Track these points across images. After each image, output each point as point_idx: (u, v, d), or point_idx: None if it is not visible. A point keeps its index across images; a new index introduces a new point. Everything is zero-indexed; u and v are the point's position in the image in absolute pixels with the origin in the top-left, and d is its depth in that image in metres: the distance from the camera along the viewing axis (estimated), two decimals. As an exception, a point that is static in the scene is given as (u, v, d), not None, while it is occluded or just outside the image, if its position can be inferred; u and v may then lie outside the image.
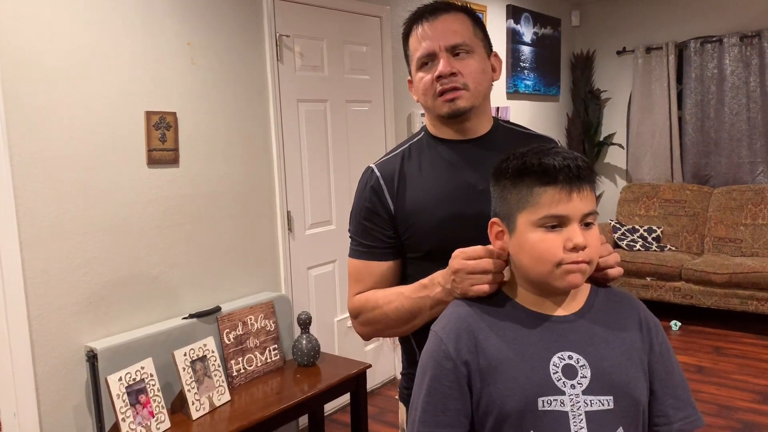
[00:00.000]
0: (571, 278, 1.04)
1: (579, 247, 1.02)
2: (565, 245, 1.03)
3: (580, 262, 1.03)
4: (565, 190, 1.03)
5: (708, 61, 5.38)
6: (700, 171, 5.54)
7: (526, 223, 1.05)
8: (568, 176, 1.03)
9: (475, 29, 1.35)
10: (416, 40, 1.35)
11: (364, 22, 3.65)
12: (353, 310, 1.39)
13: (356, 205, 1.41)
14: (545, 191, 1.03)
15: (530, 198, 1.05)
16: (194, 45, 2.73)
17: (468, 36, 1.32)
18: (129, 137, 2.51)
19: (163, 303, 2.66)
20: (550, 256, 1.03)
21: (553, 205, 1.03)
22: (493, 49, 1.41)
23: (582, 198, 1.04)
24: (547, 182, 1.03)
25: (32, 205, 2.24)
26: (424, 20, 1.34)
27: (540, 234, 1.04)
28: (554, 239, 1.03)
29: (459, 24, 1.32)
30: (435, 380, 1.07)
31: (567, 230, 1.03)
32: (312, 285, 3.41)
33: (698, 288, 4.65)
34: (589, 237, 1.04)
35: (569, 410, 1.01)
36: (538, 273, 1.06)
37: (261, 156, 3.07)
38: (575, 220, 1.03)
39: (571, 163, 1.04)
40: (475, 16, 1.37)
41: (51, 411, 2.30)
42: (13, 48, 2.17)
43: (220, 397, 2.51)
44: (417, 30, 1.35)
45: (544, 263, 1.04)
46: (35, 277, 2.25)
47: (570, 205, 1.03)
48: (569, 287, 1.06)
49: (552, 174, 1.03)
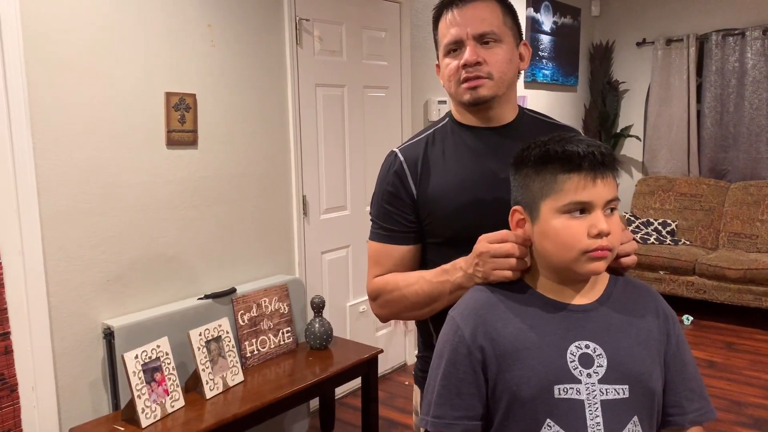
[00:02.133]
0: (595, 265, 1.05)
1: (603, 234, 1.03)
2: (589, 231, 1.03)
3: (603, 248, 1.04)
4: (590, 176, 1.03)
5: (729, 54, 5.31)
6: (718, 165, 5.49)
7: (550, 210, 1.06)
8: (593, 163, 1.03)
9: (505, 17, 1.33)
10: (445, 25, 1.34)
11: (383, 7, 3.64)
12: (372, 292, 1.40)
13: (378, 188, 1.42)
14: (569, 178, 1.04)
15: (554, 185, 1.05)
16: (214, 27, 2.74)
17: (497, 24, 1.31)
18: (149, 118, 2.53)
19: (179, 283, 2.68)
20: (575, 242, 1.04)
21: (577, 191, 1.03)
22: (523, 38, 1.40)
23: (606, 184, 1.04)
24: (571, 169, 1.04)
25: (53, 183, 2.26)
26: (454, 6, 1.33)
27: (564, 221, 1.05)
28: (578, 226, 1.04)
29: (489, 12, 1.31)
30: (450, 364, 1.09)
31: (591, 217, 1.04)
32: (325, 269, 3.43)
33: (712, 283, 4.63)
34: (611, 223, 1.05)
35: (585, 398, 1.02)
36: (562, 259, 1.06)
37: (278, 140, 3.08)
38: (599, 207, 1.04)
39: (595, 150, 1.04)
40: (507, 3, 1.36)
41: (68, 386, 2.34)
42: (37, 29, 2.18)
43: (234, 378, 2.54)
44: (447, 15, 1.34)
45: (569, 250, 1.04)
46: (54, 255, 2.28)
47: (594, 191, 1.03)
48: (592, 273, 1.07)
49: (576, 161, 1.03)
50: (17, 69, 2.13)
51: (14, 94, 2.12)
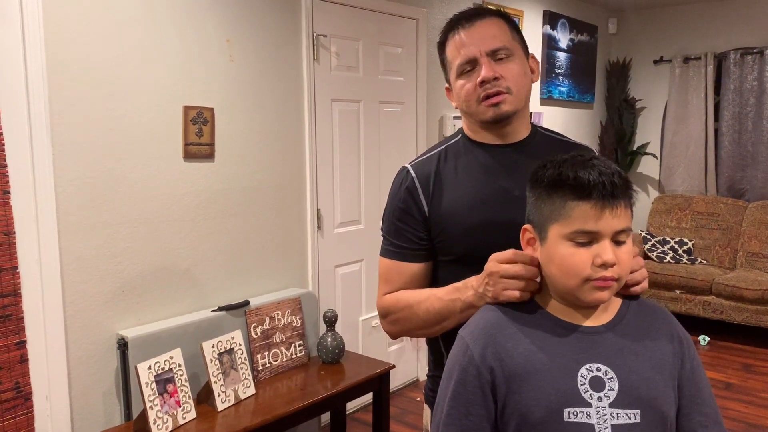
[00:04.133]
0: (599, 294, 1.04)
1: (608, 265, 1.02)
2: (594, 261, 1.02)
3: (607, 279, 1.02)
4: (598, 206, 1.02)
5: (748, 73, 5.28)
6: (735, 184, 5.44)
7: (557, 236, 1.05)
8: (602, 193, 1.02)
9: (512, 33, 1.34)
10: (454, 47, 1.34)
11: (400, 23, 3.66)
12: (382, 309, 1.40)
13: (390, 204, 1.42)
14: (578, 206, 1.03)
15: (563, 211, 1.04)
16: (233, 42, 2.77)
17: (507, 40, 1.32)
18: (167, 131, 2.56)
19: (193, 295, 2.70)
20: (579, 270, 1.03)
21: (585, 220, 1.02)
22: (530, 52, 1.41)
23: (615, 216, 1.02)
24: (581, 197, 1.02)
25: (71, 194, 2.29)
26: (461, 27, 1.34)
27: (570, 248, 1.04)
28: (583, 254, 1.03)
29: (497, 28, 1.32)
30: (459, 384, 1.08)
31: (597, 246, 1.03)
32: (338, 283, 3.44)
33: (729, 303, 4.57)
34: (619, 253, 1.03)
35: (595, 423, 1.01)
36: (566, 286, 1.06)
37: (294, 154, 3.10)
38: (606, 237, 1.03)
39: (606, 179, 1.02)
40: (511, 20, 1.37)
41: (81, 396, 2.35)
42: (59, 44, 2.23)
43: (246, 390, 2.54)
44: (454, 37, 1.34)
45: (572, 277, 1.04)
46: (71, 265, 2.31)
47: (601, 222, 1.02)
48: (595, 302, 1.06)
49: (586, 189, 1.02)
50: (39, 82, 2.17)
51: (35, 107, 2.16)
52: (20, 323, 2.18)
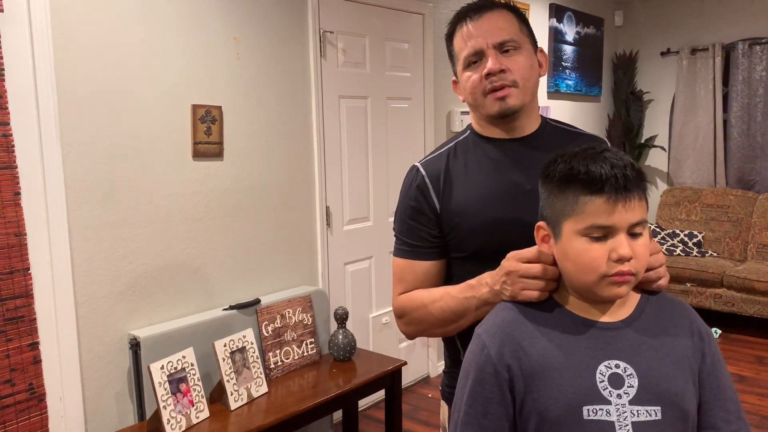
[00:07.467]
0: (616, 290, 1.02)
1: (624, 259, 1.00)
2: (610, 256, 1.00)
3: (624, 274, 1.01)
4: (611, 200, 1.00)
5: (756, 63, 5.24)
6: (745, 176, 5.40)
7: (572, 231, 1.04)
8: (614, 187, 1.00)
9: (521, 25, 1.33)
10: (461, 39, 1.33)
11: (406, 19, 3.65)
12: (398, 310, 1.39)
13: (401, 203, 1.41)
14: (591, 201, 1.01)
15: (576, 206, 1.03)
16: (240, 40, 2.77)
17: (514, 32, 1.31)
18: (175, 130, 2.56)
19: (204, 294, 2.70)
20: (595, 266, 1.01)
21: (599, 215, 1.01)
22: (538, 45, 1.39)
23: (628, 209, 1.01)
24: (593, 191, 1.01)
25: (81, 194, 2.29)
26: (468, 19, 1.32)
27: (585, 243, 1.02)
28: (599, 249, 1.01)
29: (504, 21, 1.31)
30: (477, 383, 1.07)
31: (613, 241, 1.01)
32: (348, 280, 3.43)
33: (740, 295, 4.55)
34: (636, 247, 1.02)
35: (615, 420, 1.00)
36: (583, 282, 1.04)
37: (302, 151, 3.09)
38: (622, 231, 1.01)
39: (618, 172, 1.00)
40: (519, 13, 1.36)
41: (94, 396, 2.36)
42: (67, 43, 2.22)
43: (258, 389, 2.54)
44: (462, 29, 1.33)
45: (589, 273, 1.02)
46: (82, 266, 2.31)
47: (615, 216, 1.00)
48: (614, 297, 1.05)
49: (598, 184, 1.00)
50: (48, 82, 2.17)
51: (45, 107, 2.16)
52: (33, 324, 2.19)
